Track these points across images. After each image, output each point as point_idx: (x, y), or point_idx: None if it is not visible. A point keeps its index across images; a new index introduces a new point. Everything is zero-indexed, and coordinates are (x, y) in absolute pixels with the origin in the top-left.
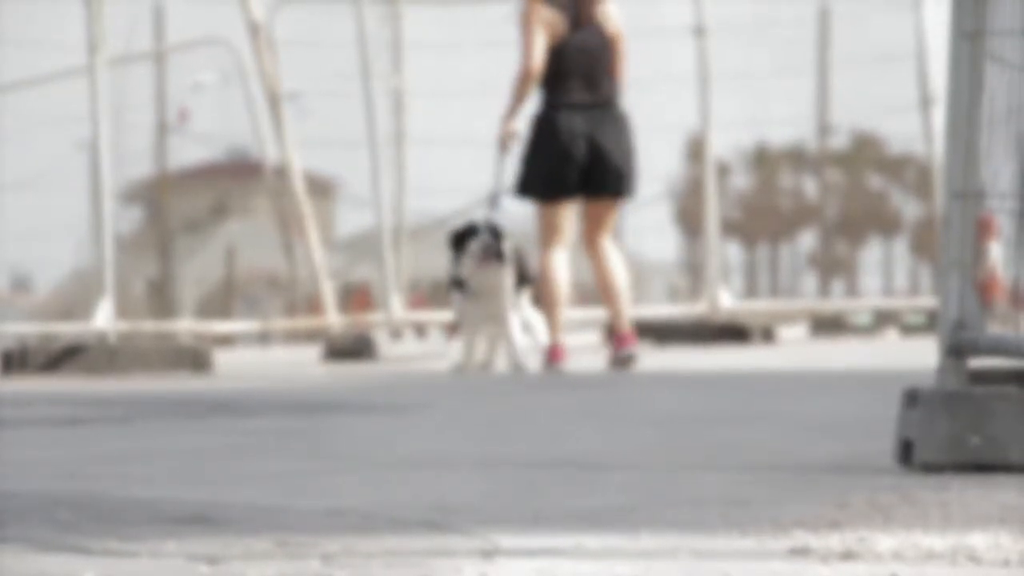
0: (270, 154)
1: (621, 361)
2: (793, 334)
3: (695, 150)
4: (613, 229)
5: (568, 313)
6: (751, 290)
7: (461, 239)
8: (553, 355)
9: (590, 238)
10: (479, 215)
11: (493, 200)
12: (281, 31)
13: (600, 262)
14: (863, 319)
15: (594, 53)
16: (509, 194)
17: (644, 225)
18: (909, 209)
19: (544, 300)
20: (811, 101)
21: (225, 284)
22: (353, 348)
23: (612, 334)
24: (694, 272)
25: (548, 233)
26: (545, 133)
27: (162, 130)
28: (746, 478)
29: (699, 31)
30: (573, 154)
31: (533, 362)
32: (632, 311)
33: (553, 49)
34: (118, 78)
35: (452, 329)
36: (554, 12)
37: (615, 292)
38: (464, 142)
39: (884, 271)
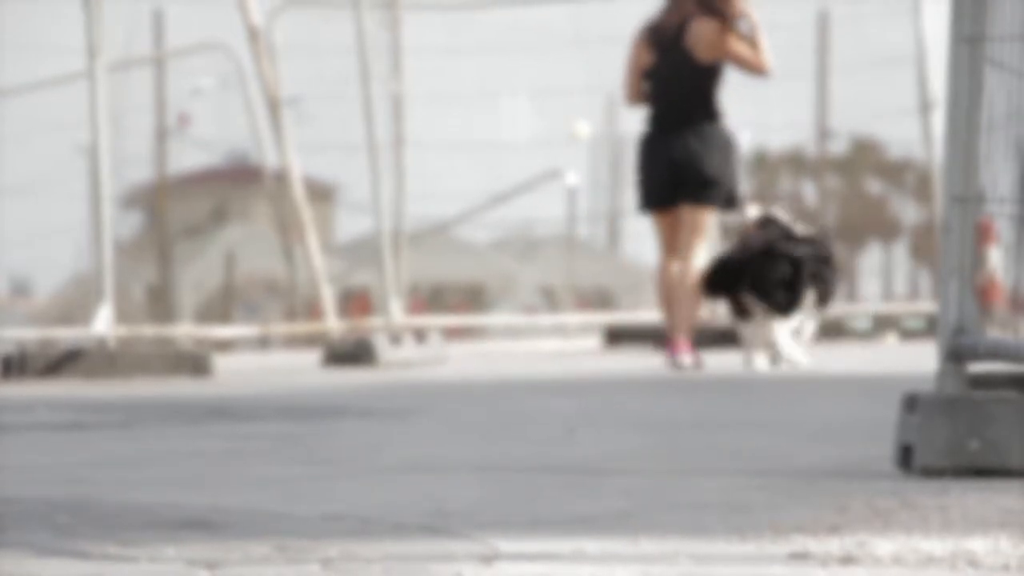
0: (270, 159)
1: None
2: None
3: None
4: (701, 238)
5: (571, 318)
6: None
7: None
8: (674, 349)
9: (680, 244)
10: None
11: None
12: (280, 36)
13: (680, 271)
14: (862, 324)
15: (672, 80)
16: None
17: (644, 229)
18: (908, 214)
19: (659, 302)
20: (810, 106)
21: (225, 289)
22: (353, 353)
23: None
24: None
25: (658, 241)
26: (638, 152)
27: (161, 135)
28: (746, 483)
29: None
30: (654, 170)
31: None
32: (637, 316)
33: (648, 76)
34: (118, 83)
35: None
36: (649, 44)
37: (680, 302)
38: (464, 146)
39: (883, 276)
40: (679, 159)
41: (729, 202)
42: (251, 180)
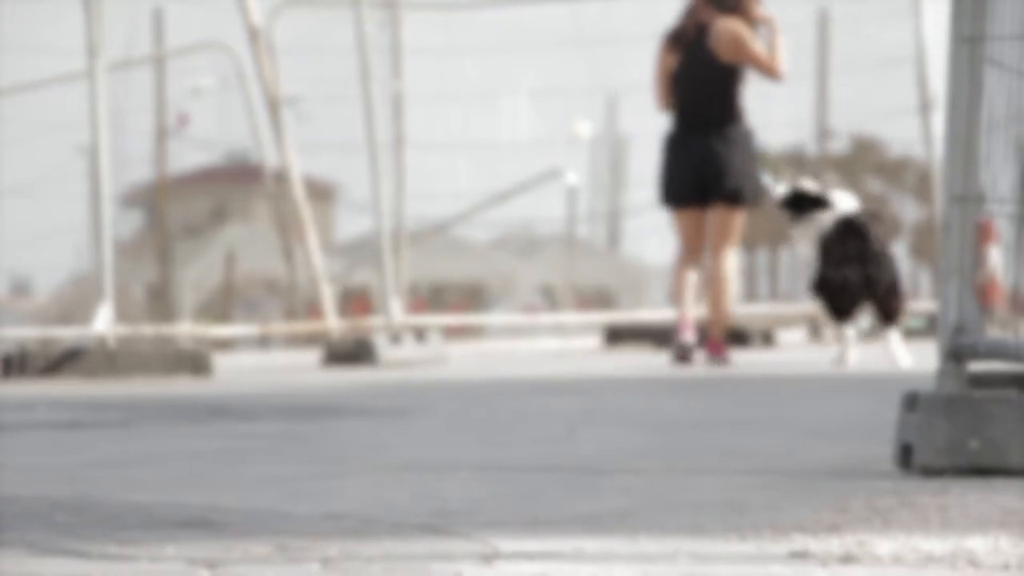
0: (270, 158)
1: (712, 364)
2: (792, 338)
3: None
4: (733, 239)
5: (571, 317)
6: (751, 294)
7: None
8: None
9: (711, 244)
10: None
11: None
12: (280, 35)
13: (711, 271)
14: (862, 323)
15: (694, 82)
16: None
17: (644, 229)
18: (908, 213)
19: (673, 299)
20: (810, 105)
21: (225, 288)
22: (353, 352)
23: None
24: None
25: (678, 239)
26: (663, 150)
27: (161, 135)
28: (745, 482)
29: None
30: (679, 169)
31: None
32: (637, 315)
33: (673, 80)
34: (117, 82)
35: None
36: (672, 50)
37: (713, 301)
38: (463, 146)
39: None
40: (706, 163)
41: (755, 196)
42: (251, 180)
